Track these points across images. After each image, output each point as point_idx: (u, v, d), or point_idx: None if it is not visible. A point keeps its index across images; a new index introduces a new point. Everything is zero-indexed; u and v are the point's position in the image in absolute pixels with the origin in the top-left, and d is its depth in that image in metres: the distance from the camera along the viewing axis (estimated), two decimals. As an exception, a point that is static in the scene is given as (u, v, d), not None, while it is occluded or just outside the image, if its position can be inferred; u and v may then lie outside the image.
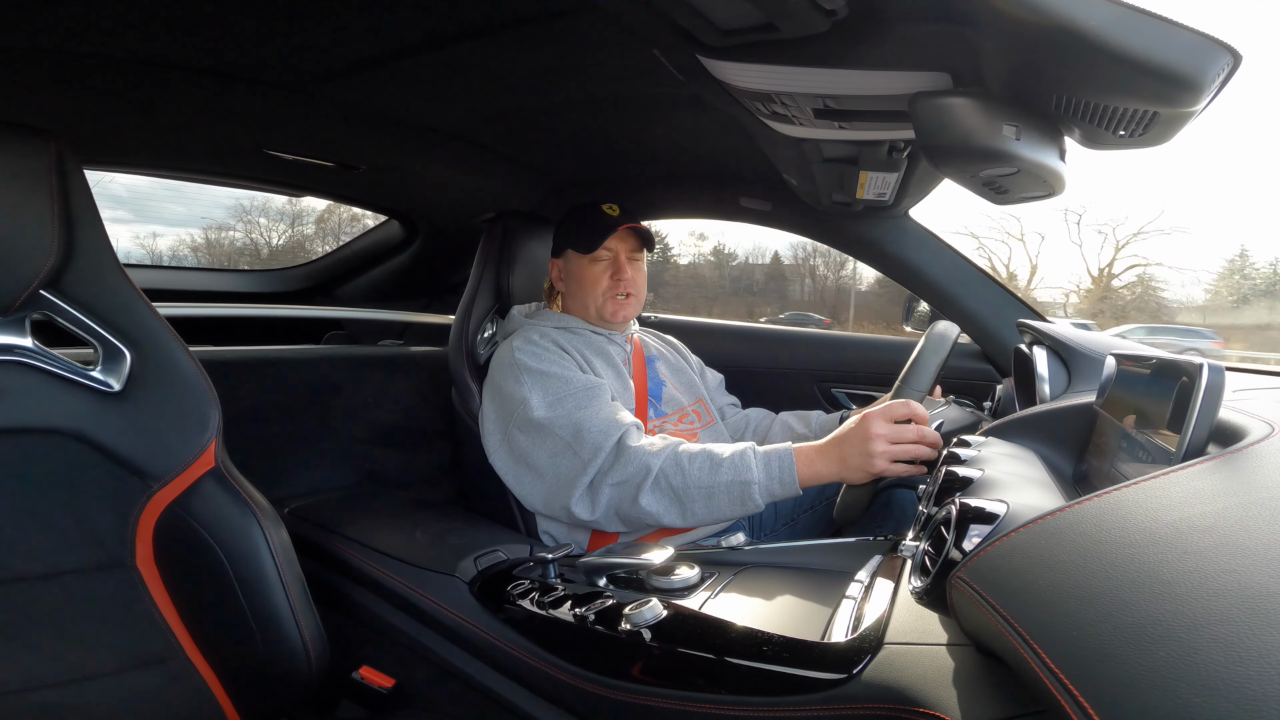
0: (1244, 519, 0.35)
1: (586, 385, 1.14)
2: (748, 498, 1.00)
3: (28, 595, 0.74)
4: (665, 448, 1.05)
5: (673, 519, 1.03)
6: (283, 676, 0.83)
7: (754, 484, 0.99)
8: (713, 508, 1.01)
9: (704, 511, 1.02)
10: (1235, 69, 0.54)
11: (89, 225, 0.78)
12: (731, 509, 1.01)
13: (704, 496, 1.01)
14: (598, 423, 1.08)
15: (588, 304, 1.30)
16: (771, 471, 1.00)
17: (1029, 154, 0.67)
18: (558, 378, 1.15)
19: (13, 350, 0.74)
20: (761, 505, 1.00)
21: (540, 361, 1.17)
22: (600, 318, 1.30)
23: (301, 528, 1.12)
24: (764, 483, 0.99)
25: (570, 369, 1.17)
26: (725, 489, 1.00)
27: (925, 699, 0.51)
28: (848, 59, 0.71)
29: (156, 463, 0.79)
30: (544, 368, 1.16)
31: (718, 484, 1.00)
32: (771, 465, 1.00)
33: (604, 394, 1.14)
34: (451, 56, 1.02)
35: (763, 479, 0.99)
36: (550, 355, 1.18)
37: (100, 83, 1.08)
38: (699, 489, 1.01)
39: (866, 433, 0.96)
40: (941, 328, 1.04)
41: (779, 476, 0.99)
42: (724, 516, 1.03)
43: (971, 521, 0.49)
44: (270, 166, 1.58)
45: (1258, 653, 0.26)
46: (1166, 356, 0.57)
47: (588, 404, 1.11)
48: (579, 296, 1.31)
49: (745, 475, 0.99)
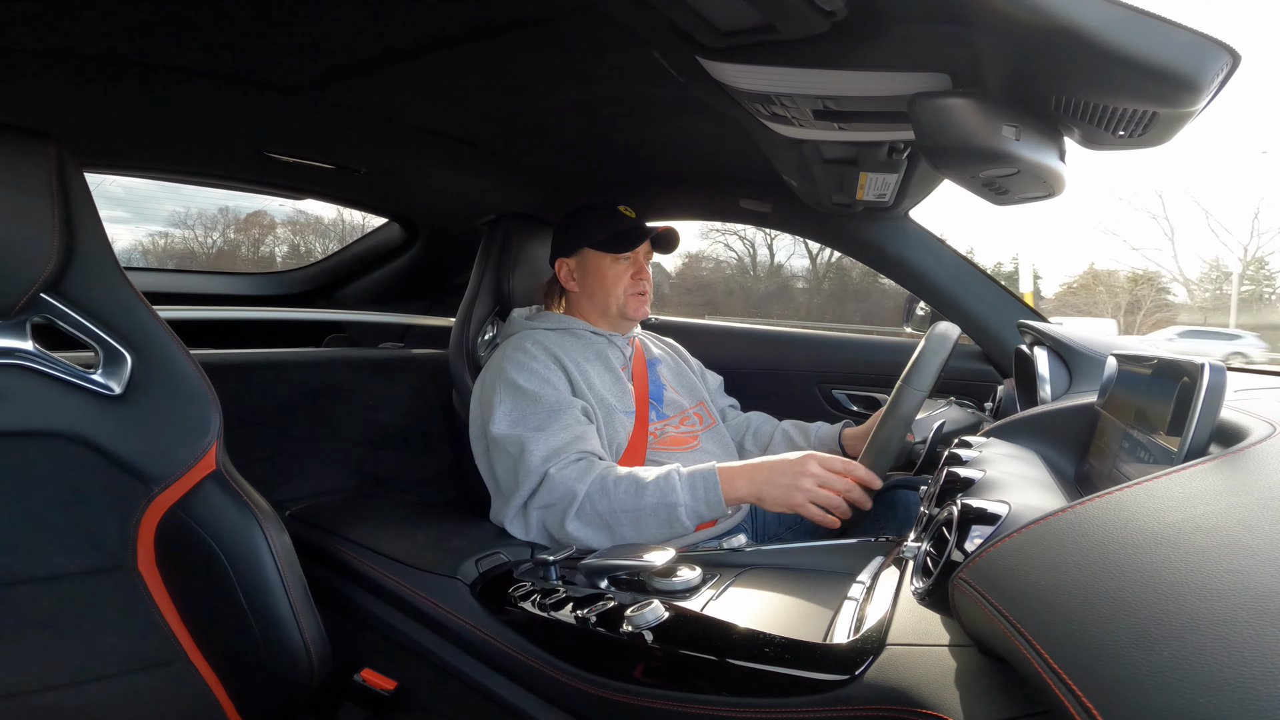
0: (1246, 519, 0.35)
1: (554, 407, 1.13)
2: (674, 520, 1.00)
3: (29, 598, 0.74)
4: (594, 474, 1.05)
5: (600, 543, 1.03)
6: (284, 679, 0.83)
7: (679, 505, 1.00)
8: (640, 530, 1.02)
9: (632, 534, 1.02)
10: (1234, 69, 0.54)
11: (89, 228, 0.78)
12: (659, 531, 1.02)
13: (631, 520, 1.01)
14: (541, 448, 1.08)
15: (609, 302, 1.31)
16: (697, 493, 1.01)
17: (1029, 154, 0.67)
18: (529, 395, 1.13)
19: (13, 354, 0.74)
20: (690, 526, 1.01)
21: (521, 374, 1.16)
22: (622, 315, 1.32)
23: (303, 530, 1.12)
24: (689, 504, 1.00)
25: (548, 386, 1.15)
26: (651, 512, 1.01)
27: (928, 700, 0.51)
28: (847, 60, 0.71)
29: (157, 466, 0.79)
30: (521, 382, 1.15)
31: (643, 507, 1.01)
32: (697, 487, 1.01)
33: (566, 418, 1.12)
34: (452, 59, 1.02)
35: (688, 500, 1.00)
36: (535, 368, 1.17)
37: (100, 85, 1.08)
38: (625, 512, 1.01)
39: (801, 468, 0.99)
40: (942, 328, 1.04)
41: (704, 497, 1.00)
42: (654, 538, 1.02)
43: (973, 522, 0.49)
44: (270, 169, 1.59)
45: (1261, 653, 0.26)
46: (1167, 357, 0.57)
47: (544, 426, 1.10)
48: (598, 295, 1.31)
49: (670, 498, 1.00)
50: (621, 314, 1.32)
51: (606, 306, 1.32)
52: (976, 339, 1.53)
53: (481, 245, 1.42)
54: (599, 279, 1.31)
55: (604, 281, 1.30)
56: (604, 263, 1.30)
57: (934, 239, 1.53)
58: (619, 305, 1.31)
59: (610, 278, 1.30)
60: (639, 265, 1.32)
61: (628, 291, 1.31)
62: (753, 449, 1.43)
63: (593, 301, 1.33)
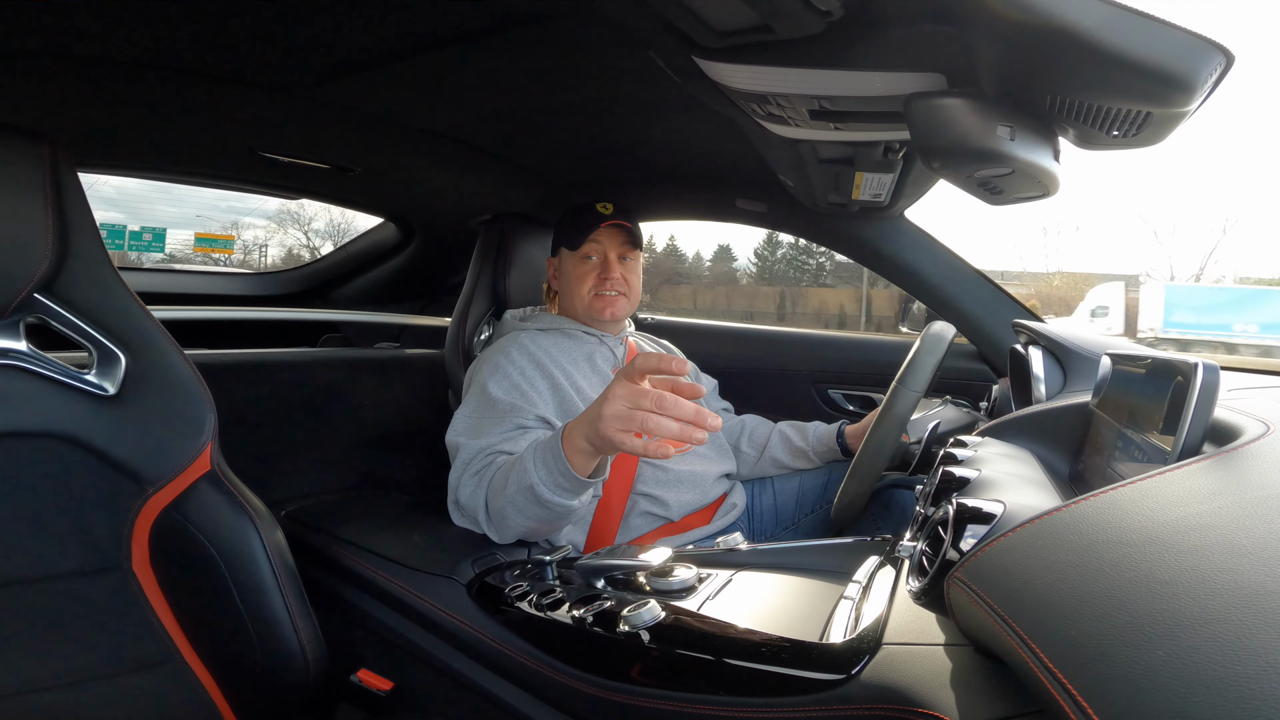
0: (1240, 517, 0.35)
1: (504, 412, 1.11)
2: (543, 501, 0.91)
3: (23, 598, 0.74)
4: (489, 475, 1.02)
5: (504, 536, 1.01)
6: (280, 679, 0.83)
7: (536, 485, 0.90)
8: (528, 519, 0.95)
9: (524, 524, 0.96)
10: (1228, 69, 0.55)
11: (83, 228, 0.78)
12: (541, 515, 0.94)
13: (514, 511, 0.95)
14: (465, 453, 1.07)
15: (575, 303, 1.30)
16: (548, 464, 0.89)
17: (1023, 154, 0.67)
18: (490, 401, 1.12)
19: (7, 354, 0.74)
20: (566, 503, 0.90)
21: (493, 380, 1.14)
22: (588, 316, 1.29)
23: (298, 531, 1.11)
24: (544, 479, 0.90)
25: (516, 393, 1.13)
26: (521, 499, 0.93)
27: (924, 699, 0.51)
28: (843, 60, 0.71)
29: (152, 466, 0.79)
30: (491, 388, 1.13)
31: (510, 498, 0.94)
32: (546, 458, 0.90)
33: (506, 424, 1.09)
34: (447, 58, 1.02)
35: (542, 475, 0.90)
36: (512, 376, 1.15)
37: (94, 84, 1.08)
38: (509, 506, 0.95)
39: (604, 395, 0.81)
40: (938, 328, 1.04)
41: (554, 467, 0.89)
42: (544, 522, 0.95)
43: (969, 521, 0.49)
44: (265, 169, 1.58)
45: (1255, 651, 0.26)
46: (1161, 356, 0.57)
47: (483, 432, 1.09)
48: (568, 294, 1.31)
49: (527, 480, 0.91)
50: (588, 314, 1.29)
51: (574, 307, 1.30)
52: (971, 338, 1.53)
53: (477, 245, 1.42)
54: (568, 278, 1.30)
55: (570, 280, 1.29)
56: (572, 261, 1.29)
57: (929, 238, 1.54)
58: (584, 306, 1.28)
59: (575, 276, 1.28)
60: (607, 264, 1.27)
61: (591, 291, 1.27)
62: (749, 451, 1.43)
63: (568, 302, 1.32)
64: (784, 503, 1.37)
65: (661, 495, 1.21)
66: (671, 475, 1.23)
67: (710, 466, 1.30)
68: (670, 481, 1.22)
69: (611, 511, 1.20)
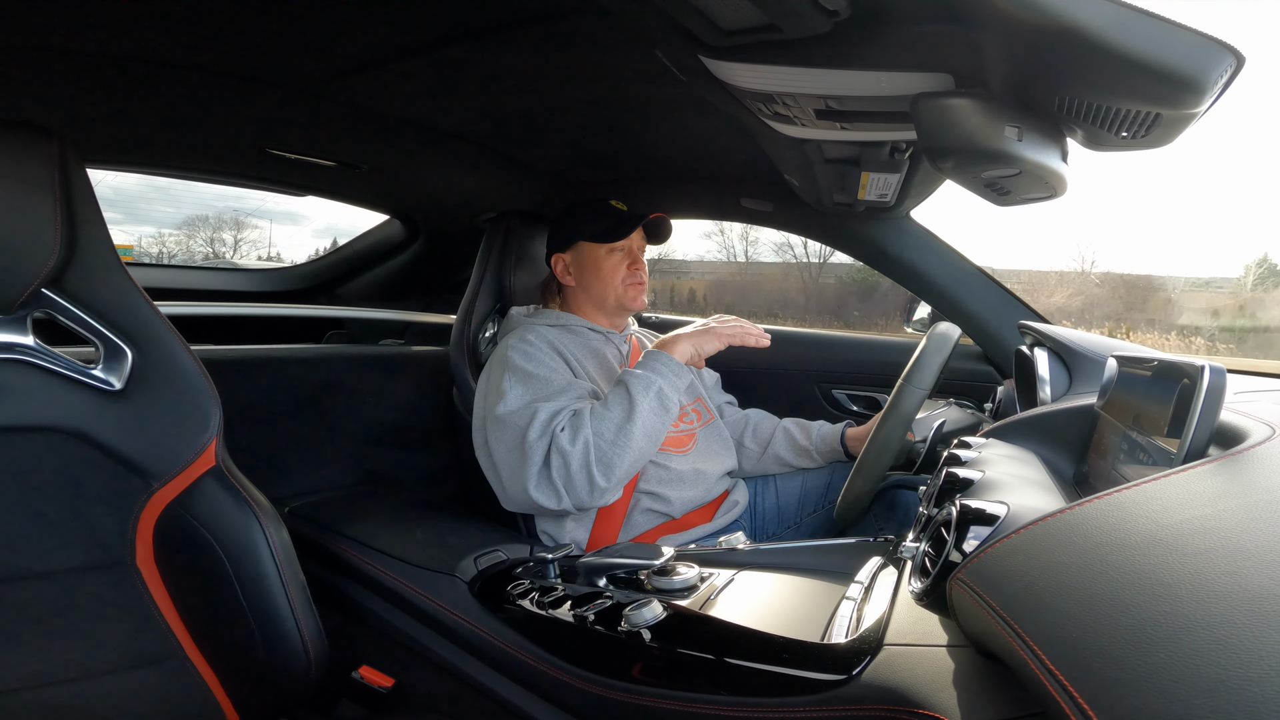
0: (1245, 521, 0.35)
1: (561, 386, 1.15)
2: (666, 403, 1.12)
3: (28, 594, 0.74)
4: (584, 422, 1.09)
5: (633, 466, 1.10)
6: (282, 675, 0.83)
7: (664, 389, 1.11)
8: (648, 431, 1.10)
9: (644, 441, 1.10)
10: (1239, 70, 0.54)
11: (91, 224, 0.78)
12: (660, 422, 1.12)
13: (640, 431, 1.09)
14: (544, 414, 1.10)
15: (606, 294, 1.31)
16: (663, 370, 1.13)
17: (1031, 155, 0.67)
18: (539, 379, 1.16)
19: (14, 349, 0.74)
20: (679, 401, 1.15)
21: (528, 361, 1.18)
22: (620, 306, 1.33)
23: (302, 527, 1.12)
24: (670, 380, 1.12)
25: (554, 371, 1.18)
26: (643, 415, 1.09)
27: (925, 700, 0.51)
28: (850, 60, 0.71)
29: (157, 461, 0.79)
30: (530, 367, 1.17)
31: (624, 424, 1.08)
32: (659, 367, 1.13)
33: (572, 393, 1.15)
34: (454, 57, 1.02)
35: (668, 378, 1.12)
36: (541, 356, 1.19)
37: (102, 81, 1.08)
38: (638, 429, 1.08)
39: (706, 325, 1.21)
40: (943, 328, 1.04)
41: (671, 367, 1.14)
42: (657, 433, 1.12)
43: (972, 523, 0.49)
44: (272, 166, 1.59)
45: (1259, 655, 0.26)
46: (1168, 358, 0.57)
47: (553, 398, 1.13)
48: (594, 288, 1.32)
49: (652, 386, 1.11)
50: (620, 305, 1.33)
51: (604, 299, 1.32)
52: (977, 339, 1.53)
53: (483, 242, 1.42)
54: (595, 271, 1.31)
55: (600, 273, 1.31)
56: (599, 254, 1.31)
57: (935, 239, 1.53)
58: (617, 296, 1.32)
59: (606, 269, 1.31)
60: (634, 255, 1.33)
61: (625, 282, 1.32)
62: (752, 446, 1.43)
63: (589, 295, 1.33)
64: (786, 502, 1.37)
65: (664, 492, 1.21)
66: (674, 473, 1.23)
67: (713, 464, 1.30)
68: (673, 479, 1.23)
69: (614, 509, 1.20)
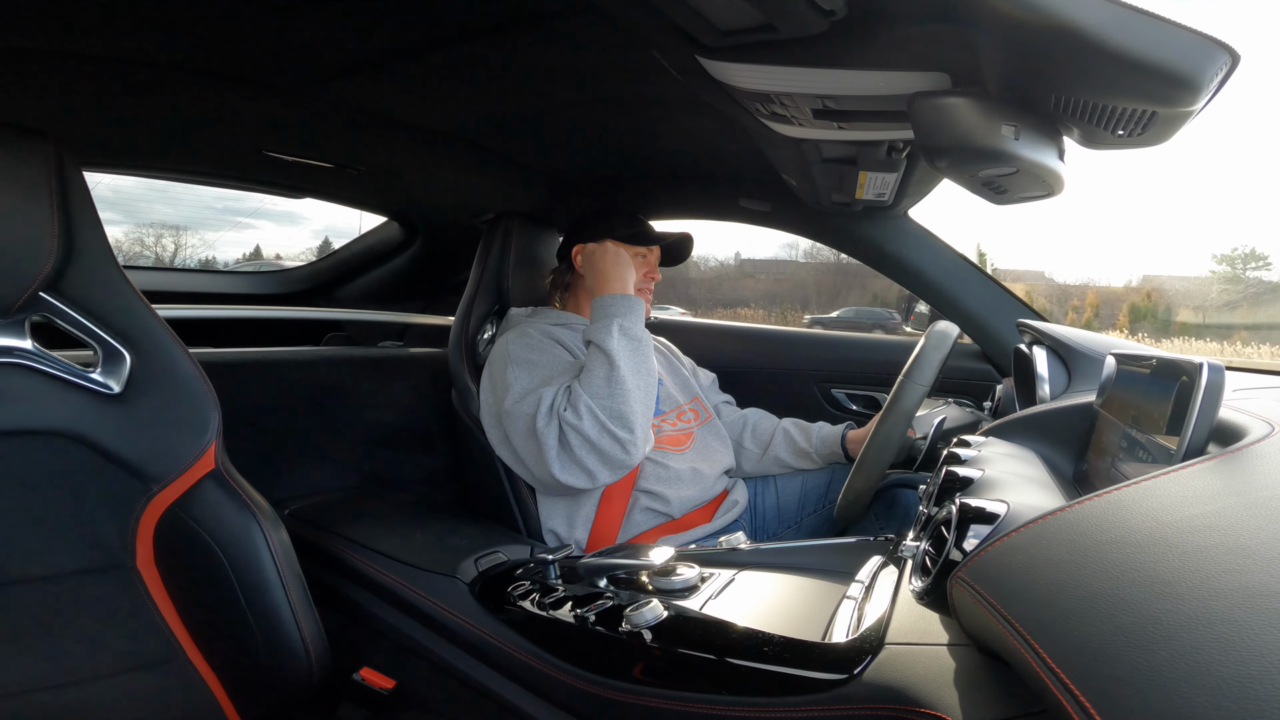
0: (1245, 518, 0.35)
1: (563, 368, 1.18)
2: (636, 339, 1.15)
3: (28, 597, 0.74)
4: (580, 392, 1.11)
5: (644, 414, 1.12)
6: (283, 678, 0.83)
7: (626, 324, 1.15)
8: (638, 370, 1.13)
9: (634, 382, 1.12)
10: (1234, 68, 0.54)
11: (88, 227, 0.78)
12: (642, 361, 1.15)
13: (629, 374, 1.11)
14: (549, 396, 1.12)
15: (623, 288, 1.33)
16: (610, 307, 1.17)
17: (1028, 154, 0.67)
18: (540, 364, 1.18)
19: (12, 352, 0.74)
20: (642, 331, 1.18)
21: (529, 350, 1.20)
22: None
23: (302, 529, 1.12)
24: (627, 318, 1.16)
25: (557, 356, 1.21)
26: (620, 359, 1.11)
27: (926, 699, 0.51)
28: (846, 59, 0.71)
29: (156, 464, 0.79)
30: (531, 355, 1.20)
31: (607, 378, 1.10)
32: (607, 308, 1.17)
33: (571, 373, 1.18)
34: (451, 57, 1.02)
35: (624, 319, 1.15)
36: (542, 345, 1.22)
37: (100, 84, 1.08)
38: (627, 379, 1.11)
39: None
40: (943, 326, 1.04)
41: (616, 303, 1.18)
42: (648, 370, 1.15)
43: (972, 521, 0.49)
44: (269, 168, 1.59)
45: (1259, 652, 0.26)
46: (1166, 356, 0.57)
47: (552, 381, 1.15)
48: None
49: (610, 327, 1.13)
50: None
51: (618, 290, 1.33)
52: (975, 338, 1.53)
53: (481, 244, 1.42)
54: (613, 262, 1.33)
55: (619, 265, 1.32)
56: (626, 252, 1.33)
57: (933, 238, 1.53)
58: (636, 286, 1.33)
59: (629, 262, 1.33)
60: (651, 265, 1.39)
61: (637, 286, 1.33)
62: (752, 448, 1.44)
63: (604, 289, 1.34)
64: (787, 502, 1.37)
65: (662, 492, 1.21)
66: (672, 472, 1.23)
67: (711, 463, 1.30)
68: (671, 478, 1.23)
69: (613, 509, 1.20)
